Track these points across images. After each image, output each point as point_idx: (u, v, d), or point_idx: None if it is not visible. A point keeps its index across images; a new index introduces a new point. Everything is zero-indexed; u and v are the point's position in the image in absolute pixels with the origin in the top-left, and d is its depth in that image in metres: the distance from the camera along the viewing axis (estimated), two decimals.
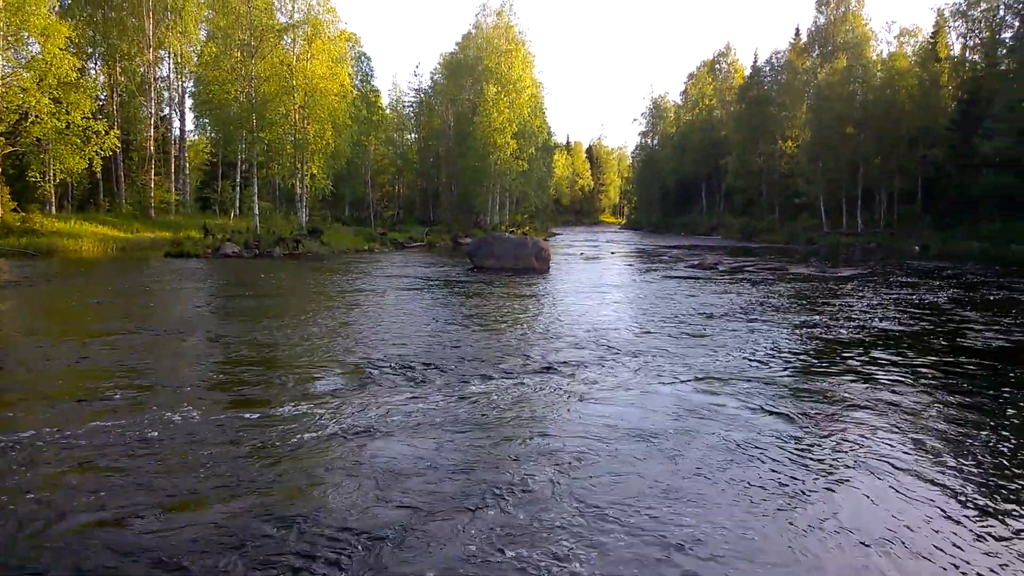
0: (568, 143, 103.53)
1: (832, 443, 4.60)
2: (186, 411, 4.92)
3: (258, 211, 27.16)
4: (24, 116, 21.43)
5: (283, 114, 27.97)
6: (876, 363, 7.07)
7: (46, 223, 22.89)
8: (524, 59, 44.83)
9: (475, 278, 16.16)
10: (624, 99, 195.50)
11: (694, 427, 4.86)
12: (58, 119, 21.36)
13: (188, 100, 34.70)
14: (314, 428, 4.63)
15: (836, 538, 3.26)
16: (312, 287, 14.35)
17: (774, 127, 47.57)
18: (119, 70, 30.06)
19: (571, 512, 3.43)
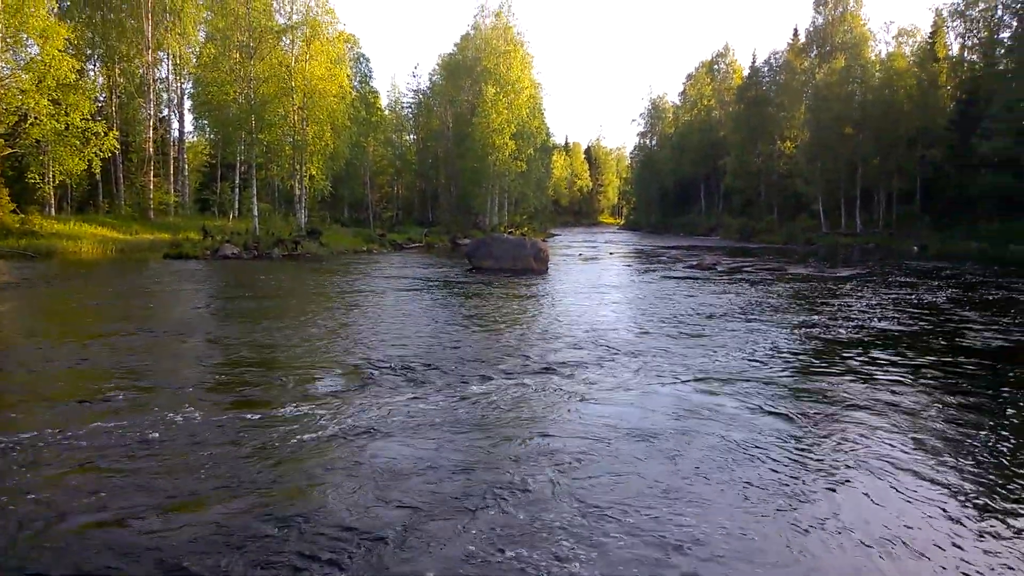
0: (567, 144, 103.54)
1: (832, 443, 4.61)
2: (187, 412, 4.92)
3: (257, 212, 27.14)
4: (23, 118, 21.40)
5: (282, 115, 27.95)
6: (875, 363, 7.08)
7: (45, 225, 22.87)
8: (523, 60, 44.85)
9: (474, 279, 16.16)
10: (622, 100, 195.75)
11: (694, 427, 4.86)
12: (57, 121, 21.34)
13: (187, 101, 34.74)
14: (314, 429, 4.63)
15: (836, 538, 3.26)
16: (311, 288, 14.35)
17: (772, 127, 47.60)
18: (118, 72, 30.04)
19: (571, 512, 3.44)
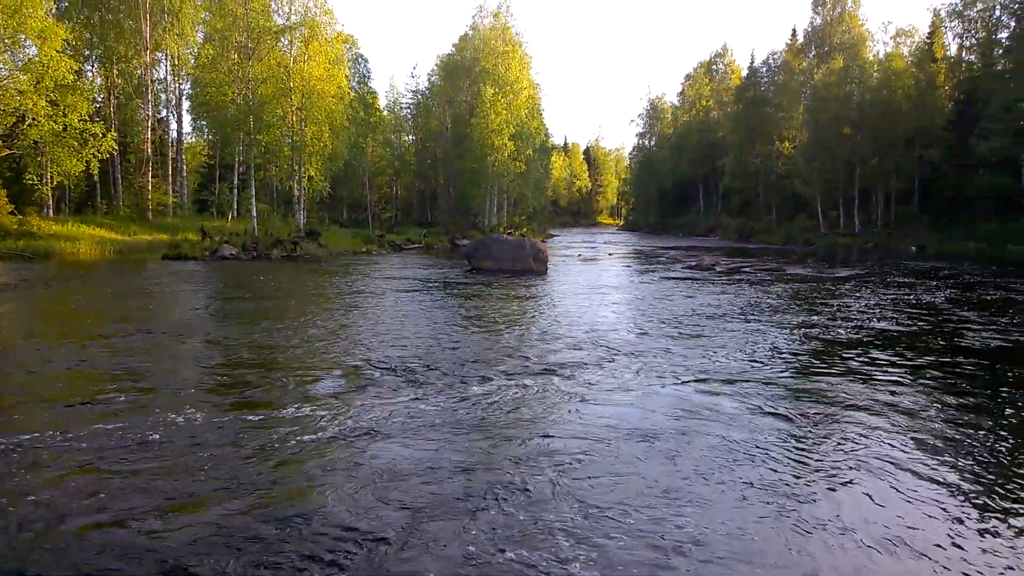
0: (565, 144, 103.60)
1: (831, 443, 4.61)
2: (187, 413, 4.91)
3: (256, 213, 27.12)
4: (21, 119, 21.37)
5: (280, 116, 27.94)
6: (874, 363, 7.08)
7: (43, 226, 22.84)
8: (521, 60, 44.87)
9: (473, 279, 16.16)
10: (621, 100, 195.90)
11: (694, 428, 4.86)
12: (55, 121, 21.32)
13: (185, 102, 34.71)
14: (315, 430, 4.63)
15: (836, 538, 3.26)
16: (310, 289, 14.34)
17: (771, 128, 47.64)
18: (116, 72, 30.02)
19: (572, 513, 3.44)
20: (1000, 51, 34.45)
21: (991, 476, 4.07)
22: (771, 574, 2.95)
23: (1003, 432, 4.87)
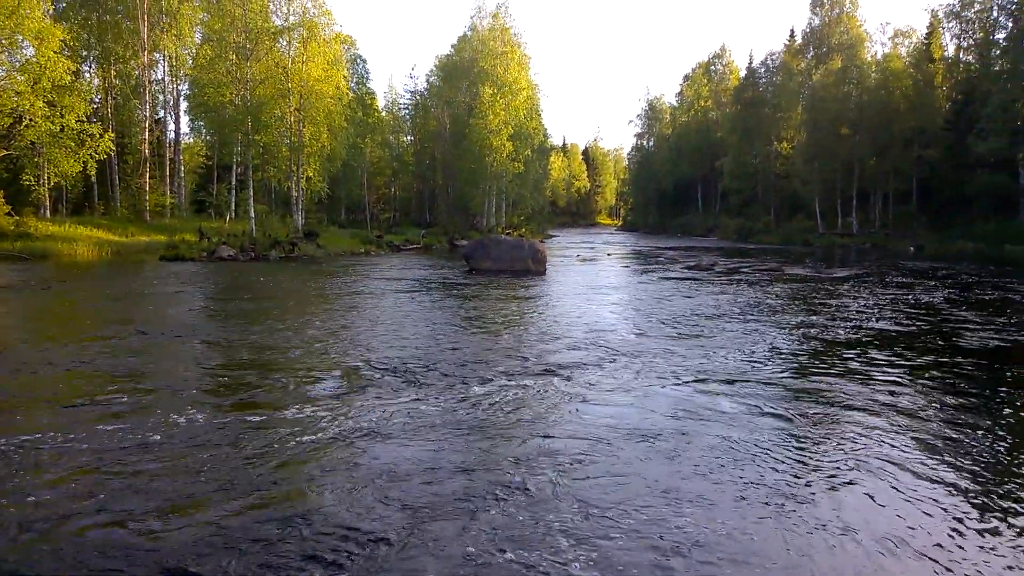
0: (564, 145, 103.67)
1: (831, 443, 4.61)
2: (187, 414, 4.90)
3: (254, 214, 27.09)
4: (18, 120, 21.35)
5: (279, 117, 27.94)
6: (873, 363, 7.09)
7: (40, 227, 22.82)
8: (520, 61, 44.91)
9: (472, 280, 16.15)
10: (620, 101, 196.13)
11: (694, 428, 4.86)
12: (52, 122, 21.30)
13: (183, 103, 34.69)
14: (315, 431, 4.62)
15: (836, 539, 3.26)
16: (310, 290, 14.33)
17: (769, 128, 47.72)
18: (114, 73, 29.99)
19: (572, 513, 3.43)
20: (998, 52, 34.54)
21: (991, 476, 4.07)
22: (771, 575, 2.94)
23: (1002, 432, 4.88)
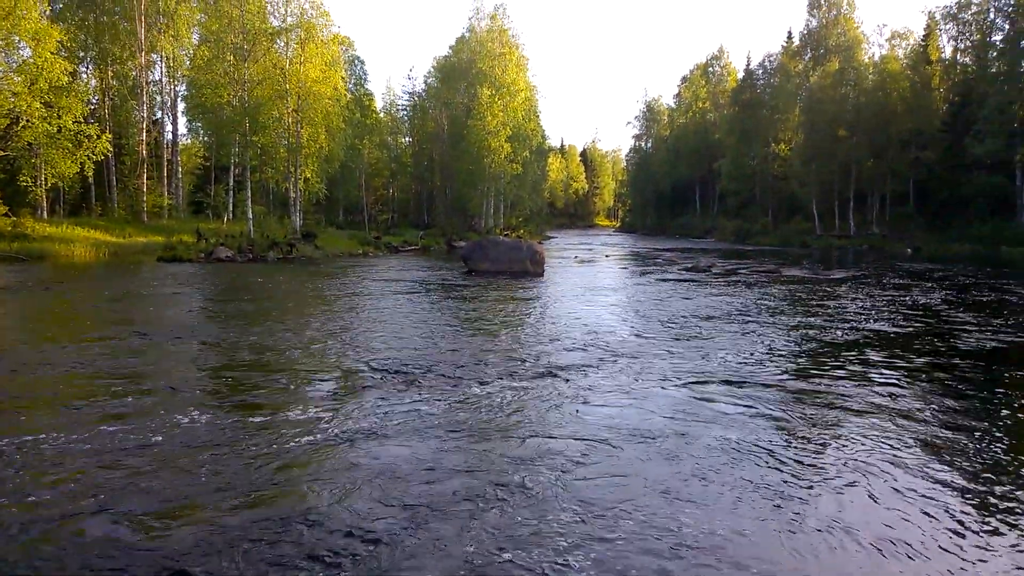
0: (562, 146, 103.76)
1: (830, 444, 4.61)
2: (187, 415, 4.89)
3: (251, 215, 27.04)
4: (15, 120, 21.28)
5: (276, 118, 27.89)
6: (871, 364, 7.10)
7: (37, 228, 22.75)
8: (518, 62, 44.93)
9: (470, 281, 16.15)
10: (618, 102, 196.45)
11: (693, 429, 4.86)
12: (49, 123, 21.24)
13: (180, 104, 34.63)
14: (315, 432, 4.61)
15: (836, 539, 3.26)
16: (308, 291, 14.30)
17: (767, 130, 47.81)
18: (111, 74, 29.93)
19: (572, 514, 3.43)
20: (995, 53, 34.66)
21: (989, 476, 4.08)
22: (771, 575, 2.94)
23: (999, 433, 4.88)
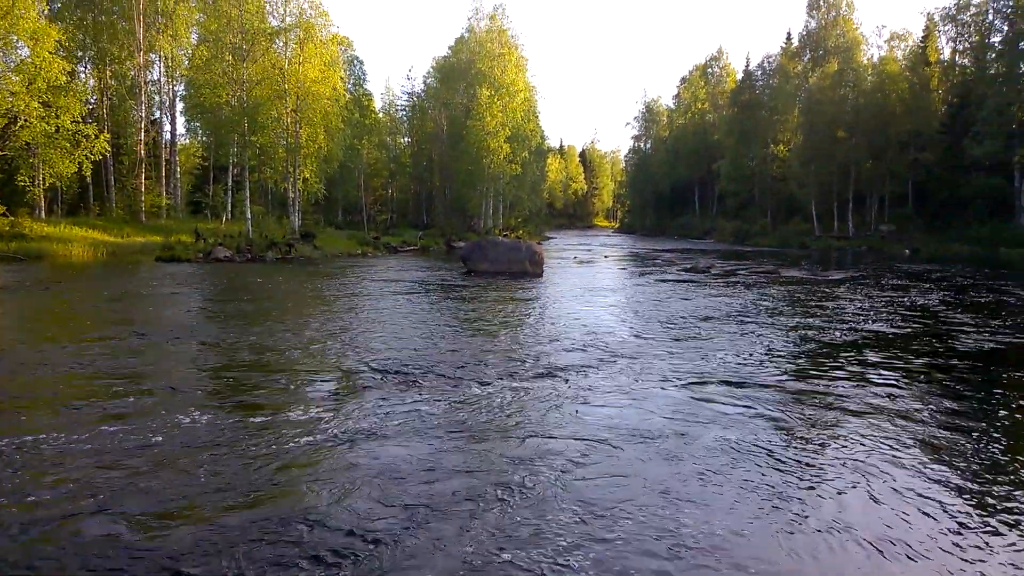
0: (561, 147, 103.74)
1: (829, 445, 4.60)
2: (187, 415, 4.88)
3: (250, 215, 27.00)
4: (13, 120, 21.24)
5: (275, 118, 27.84)
6: (869, 365, 7.09)
7: (35, 227, 22.71)
8: (517, 63, 44.91)
9: (469, 282, 16.12)
10: (617, 103, 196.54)
11: (692, 429, 4.85)
12: (47, 123, 21.19)
13: (179, 104, 34.57)
14: (315, 432, 4.59)
15: (835, 539, 3.25)
16: (307, 291, 14.28)
17: (766, 131, 47.81)
18: (109, 74, 29.89)
19: (572, 514, 3.42)
20: (993, 55, 34.69)
21: (988, 476, 4.07)
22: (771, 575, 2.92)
23: (997, 433, 4.88)
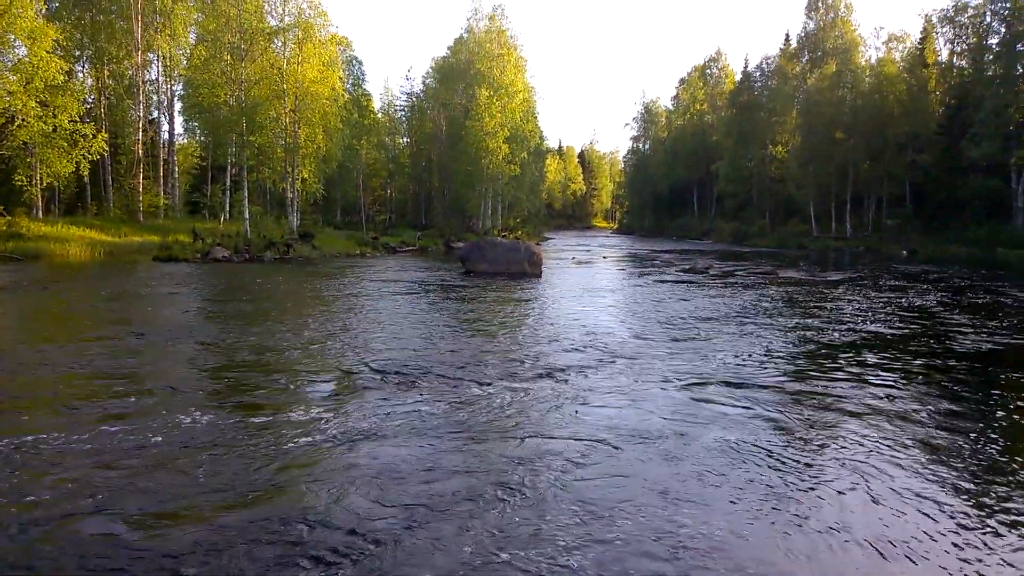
0: (560, 148, 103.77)
1: (828, 446, 4.60)
2: (187, 415, 4.86)
3: (248, 215, 26.94)
4: (10, 119, 21.19)
5: (273, 118, 27.80)
6: (868, 366, 7.09)
7: (32, 227, 22.64)
8: (516, 63, 44.91)
9: (468, 282, 16.11)
10: (616, 104, 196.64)
11: (692, 430, 4.84)
12: (45, 122, 21.14)
13: (177, 103, 34.50)
14: (314, 432, 4.58)
15: (834, 540, 3.25)
16: (306, 292, 14.25)
17: (765, 132, 47.87)
18: (107, 73, 29.82)
19: (571, 514, 3.42)
20: (991, 57, 34.76)
21: (987, 477, 4.07)
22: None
23: (995, 434, 4.88)
